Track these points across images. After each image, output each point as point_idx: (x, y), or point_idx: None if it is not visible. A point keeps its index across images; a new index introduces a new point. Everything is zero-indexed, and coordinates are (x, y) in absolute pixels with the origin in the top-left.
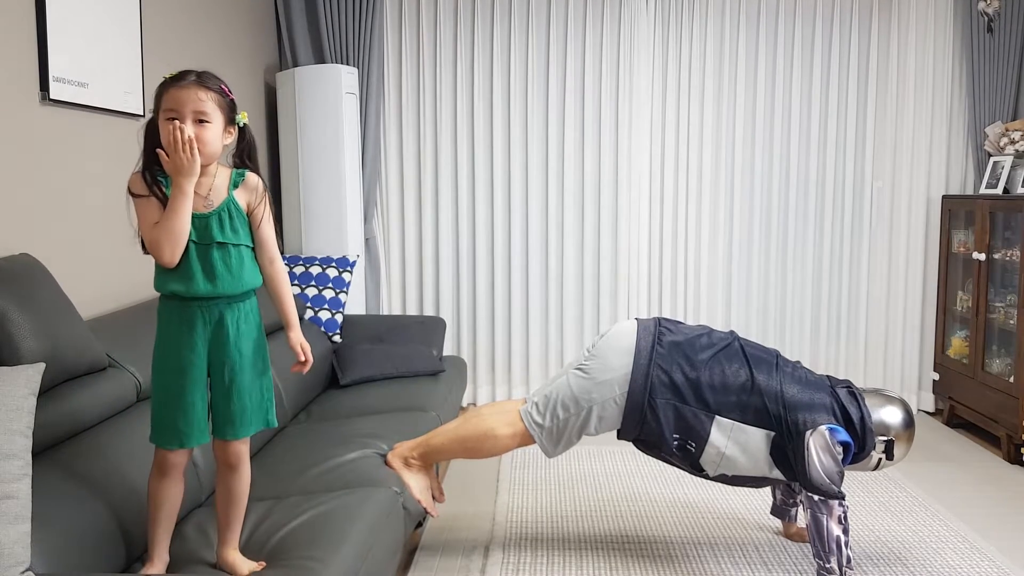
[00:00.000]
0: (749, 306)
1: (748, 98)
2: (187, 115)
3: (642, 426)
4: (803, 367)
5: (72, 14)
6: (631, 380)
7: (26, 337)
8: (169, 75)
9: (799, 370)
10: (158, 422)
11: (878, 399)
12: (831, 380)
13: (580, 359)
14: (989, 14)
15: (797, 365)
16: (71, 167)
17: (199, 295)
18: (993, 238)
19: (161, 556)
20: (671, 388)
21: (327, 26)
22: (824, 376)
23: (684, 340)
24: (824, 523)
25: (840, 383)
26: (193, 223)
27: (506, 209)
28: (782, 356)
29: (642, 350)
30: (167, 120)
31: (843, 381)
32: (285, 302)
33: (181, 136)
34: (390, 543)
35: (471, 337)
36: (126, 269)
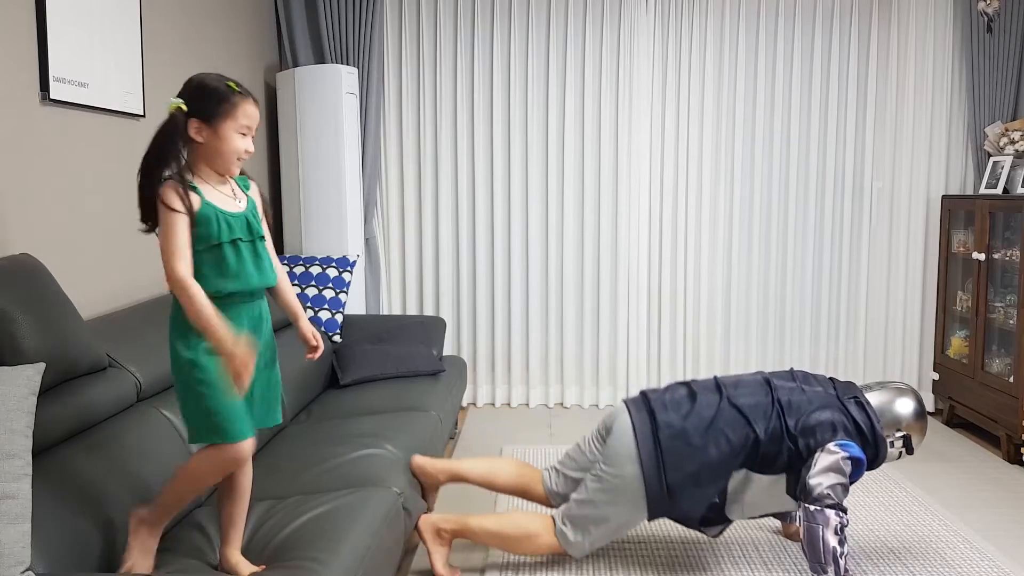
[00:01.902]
0: (749, 306)
1: (748, 99)
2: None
3: (668, 514)
4: (803, 378)
5: (72, 14)
6: (647, 489)
7: (26, 337)
8: (236, 85)
9: (798, 392)
10: (226, 419)
11: (888, 394)
12: (837, 388)
13: (592, 454)
14: (989, 14)
15: (796, 380)
16: (71, 167)
17: (252, 288)
18: (993, 238)
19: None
20: (687, 479)
21: (327, 26)
22: (829, 383)
23: (680, 428)
24: (819, 534)
25: (847, 392)
26: (234, 222)
27: (506, 209)
28: (775, 379)
29: (647, 457)
30: (240, 133)
31: (849, 388)
32: (291, 294)
33: (247, 369)
34: (390, 543)
35: (471, 337)
36: (126, 269)
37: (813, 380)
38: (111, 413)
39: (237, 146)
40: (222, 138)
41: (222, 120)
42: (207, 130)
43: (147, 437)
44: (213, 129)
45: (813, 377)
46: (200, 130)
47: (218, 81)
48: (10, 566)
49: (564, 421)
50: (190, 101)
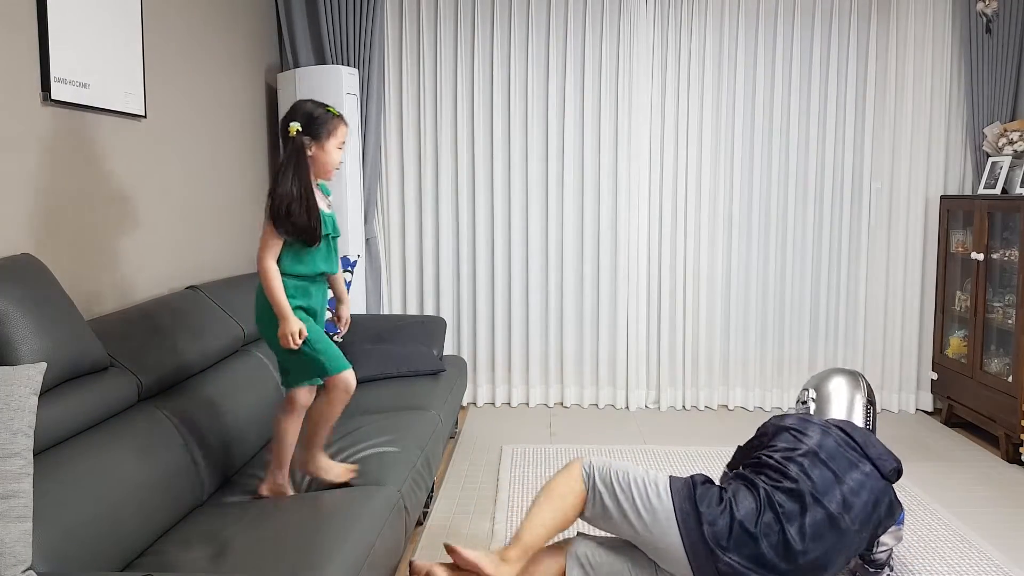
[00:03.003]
0: (748, 307)
1: (747, 99)
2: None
3: None
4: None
5: (73, 15)
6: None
7: (28, 337)
8: (335, 110)
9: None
10: (329, 357)
11: (851, 405)
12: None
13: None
14: (988, 15)
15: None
16: (73, 167)
17: (333, 271)
18: (991, 238)
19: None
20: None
21: (328, 27)
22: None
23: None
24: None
25: (886, 461)
26: (327, 220)
27: (506, 209)
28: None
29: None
30: (338, 148)
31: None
32: (341, 282)
33: (296, 340)
34: (391, 542)
35: (471, 337)
36: (127, 269)
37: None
38: (112, 413)
39: (336, 158)
40: (327, 152)
41: (327, 139)
42: (317, 147)
43: (148, 437)
44: (321, 146)
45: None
46: (310, 146)
47: (320, 108)
48: (11, 565)
49: (564, 421)
50: (305, 126)
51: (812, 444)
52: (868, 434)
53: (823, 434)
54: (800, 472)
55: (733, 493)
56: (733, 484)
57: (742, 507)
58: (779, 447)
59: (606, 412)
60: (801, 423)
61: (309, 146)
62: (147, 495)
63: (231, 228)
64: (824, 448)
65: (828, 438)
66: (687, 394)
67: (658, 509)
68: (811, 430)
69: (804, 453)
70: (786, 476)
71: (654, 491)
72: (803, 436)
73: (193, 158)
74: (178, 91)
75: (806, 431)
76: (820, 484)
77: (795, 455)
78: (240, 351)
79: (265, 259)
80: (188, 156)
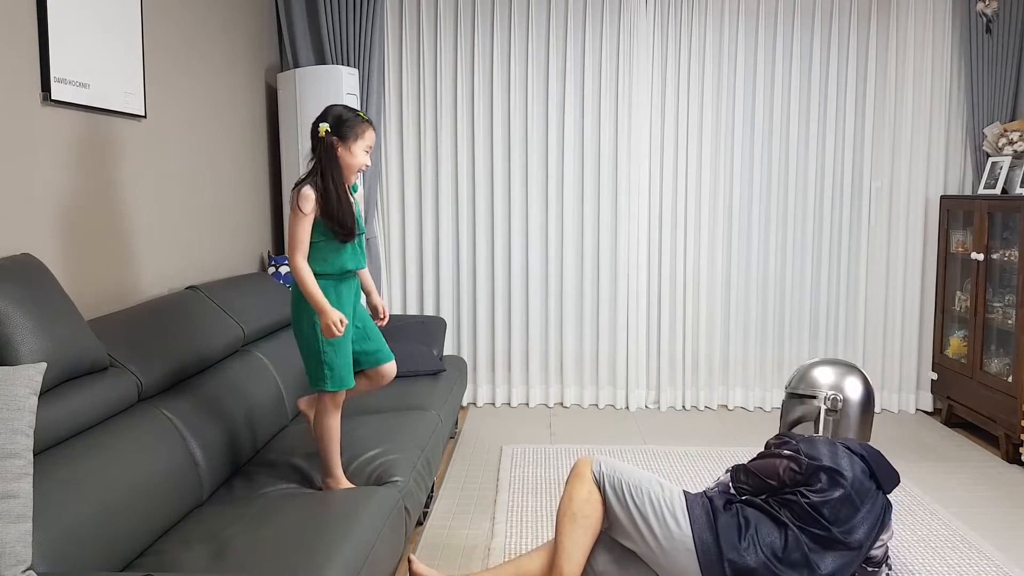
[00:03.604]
0: (748, 307)
1: (747, 100)
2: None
3: None
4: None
5: (73, 15)
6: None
7: (27, 337)
8: (363, 114)
9: (843, 524)
10: (337, 371)
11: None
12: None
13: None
14: (988, 15)
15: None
16: (72, 167)
17: (361, 267)
18: (991, 238)
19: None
20: None
21: (328, 27)
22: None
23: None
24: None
25: (891, 482)
26: (358, 220)
27: (506, 209)
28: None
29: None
30: (364, 151)
31: (890, 477)
32: (367, 275)
33: (339, 328)
34: (392, 542)
35: (471, 337)
36: (127, 269)
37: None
38: (112, 413)
39: (361, 160)
40: (353, 154)
41: (354, 141)
42: (343, 148)
43: (148, 437)
44: (347, 147)
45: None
46: (338, 146)
47: (349, 111)
48: (11, 565)
49: (564, 421)
50: (333, 127)
51: (847, 485)
52: (877, 455)
53: (852, 469)
54: (833, 516)
55: (756, 526)
56: (754, 513)
57: (765, 544)
58: (816, 488)
59: (606, 412)
60: (834, 457)
61: (337, 146)
62: (147, 495)
63: (231, 228)
64: (855, 486)
65: (856, 473)
66: (687, 394)
67: (675, 535)
68: (844, 467)
69: (840, 499)
70: (818, 523)
71: (671, 513)
72: (839, 477)
73: (193, 158)
74: (178, 91)
75: (841, 470)
76: (847, 525)
77: (831, 499)
78: (240, 351)
79: (296, 258)
80: (188, 156)
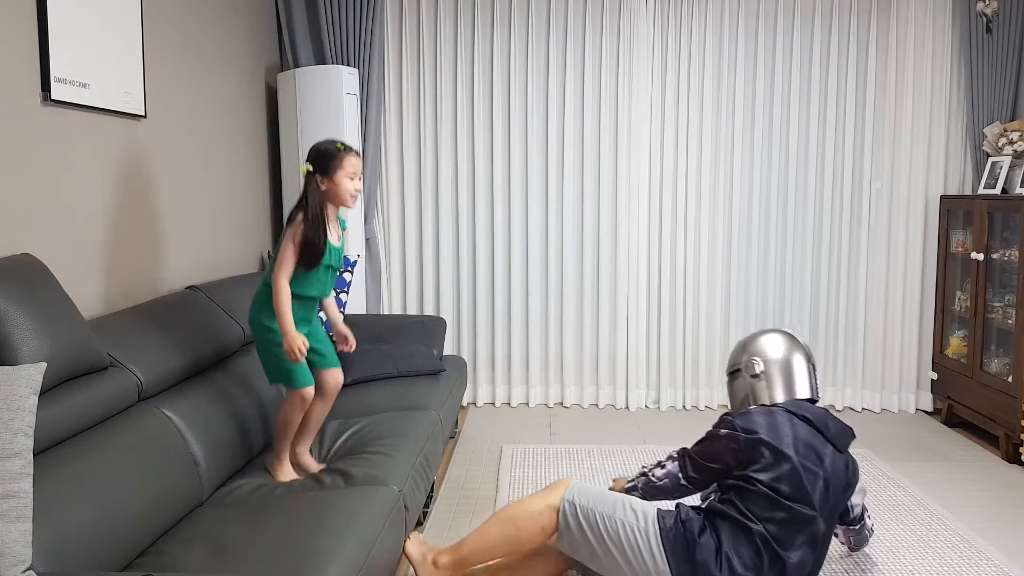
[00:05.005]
0: (748, 307)
1: (747, 100)
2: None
3: None
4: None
5: (73, 15)
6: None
7: (27, 337)
8: (342, 145)
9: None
10: (298, 375)
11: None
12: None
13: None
14: (988, 15)
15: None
16: (72, 167)
17: (324, 295)
18: (991, 238)
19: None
20: None
21: (328, 27)
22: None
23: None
24: (868, 536)
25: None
26: (333, 252)
27: (506, 209)
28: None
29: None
30: (348, 178)
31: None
32: (333, 305)
33: (299, 357)
34: (391, 542)
35: (471, 337)
36: (127, 269)
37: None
38: (112, 413)
39: (348, 187)
40: (337, 183)
41: (334, 172)
42: (327, 181)
43: (148, 436)
44: (331, 179)
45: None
46: (322, 181)
47: (329, 144)
48: (11, 565)
49: (564, 421)
50: (314, 163)
51: (792, 455)
52: (822, 413)
53: (793, 433)
54: (792, 491)
55: (731, 544)
56: (725, 528)
57: (739, 561)
58: (763, 464)
59: (606, 412)
60: (771, 427)
61: (322, 181)
62: (147, 495)
63: (231, 228)
64: (800, 451)
65: (799, 438)
66: (687, 394)
67: (650, 568)
68: (784, 434)
69: (792, 470)
70: (780, 505)
71: (646, 546)
72: (780, 446)
73: (193, 158)
74: (178, 91)
75: (781, 438)
76: (810, 495)
77: (782, 473)
78: (240, 351)
79: (280, 278)
80: (188, 156)
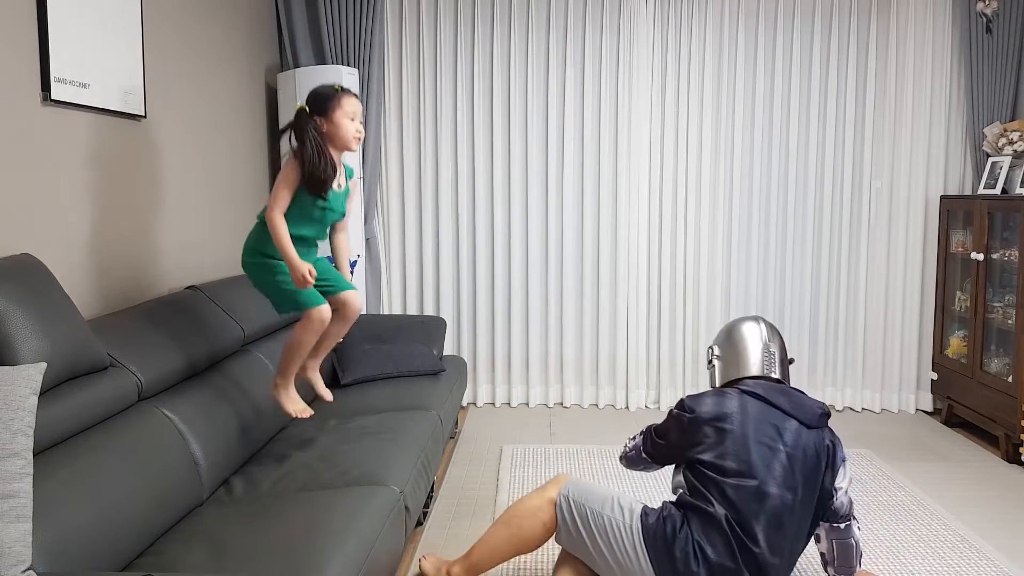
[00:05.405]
0: (748, 307)
1: (747, 100)
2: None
3: None
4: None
5: (73, 15)
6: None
7: (27, 337)
8: (338, 86)
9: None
10: (308, 295)
11: (777, 340)
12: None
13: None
14: (988, 15)
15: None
16: (72, 167)
17: (319, 238)
18: (991, 238)
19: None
20: None
21: (328, 27)
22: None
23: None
24: (853, 544)
25: (806, 409)
26: (332, 198)
27: (506, 209)
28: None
29: None
30: (349, 119)
31: (802, 404)
32: (342, 251)
33: (308, 283)
34: (391, 542)
35: (471, 337)
36: (127, 269)
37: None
38: (112, 413)
39: (349, 128)
40: (337, 124)
41: (332, 112)
42: (325, 122)
43: (148, 437)
44: (330, 119)
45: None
46: (322, 123)
47: (326, 87)
48: (11, 565)
49: (564, 421)
50: (311, 106)
51: (732, 429)
52: (776, 387)
53: (742, 411)
54: (736, 468)
55: (701, 534)
56: (694, 518)
57: (711, 550)
58: (707, 444)
59: (606, 412)
60: (717, 405)
61: (321, 123)
62: (147, 495)
63: (231, 228)
64: (748, 424)
65: (749, 414)
66: (687, 394)
67: (634, 566)
68: (727, 408)
69: (736, 444)
70: (726, 484)
71: (628, 540)
72: (722, 424)
73: (193, 158)
74: (178, 91)
75: (725, 415)
76: (750, 470)
77: (726, 450)
78: (240, 351)
79: (274, 212)
80: (188, 156)
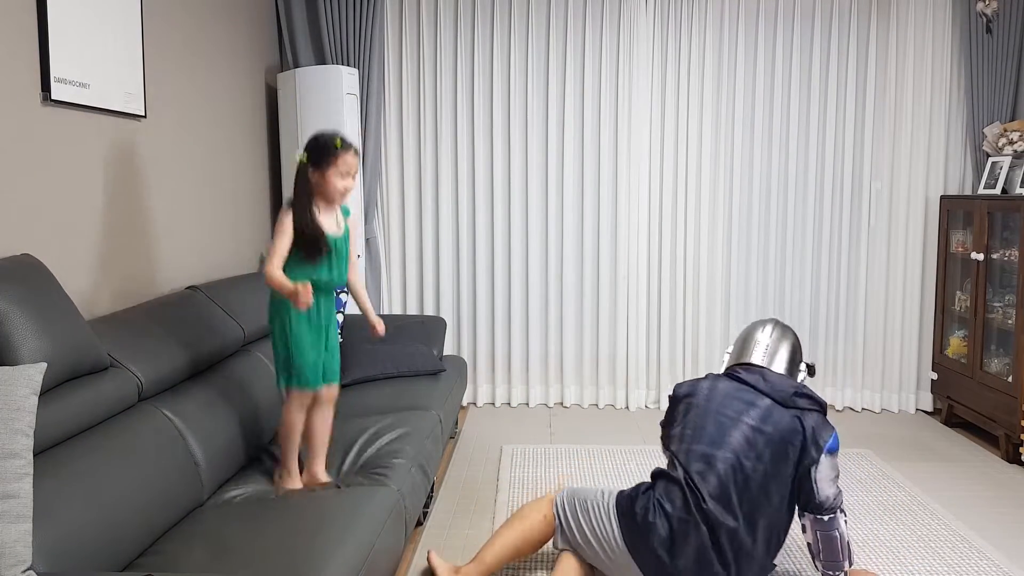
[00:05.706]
0: (748, 307)
1: (747, 100)
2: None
3: None
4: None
5: (73, 15)
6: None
7: (28, 337)
8: (340, 142)
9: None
10: (299, 371)
11: (785, 340)
12: (774, 390)
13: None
14: (988, 15)
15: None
16: (72, 168)
17: (338, 284)
18: (991, 238)
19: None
20: None
21: (328, 27)
22: (758, 387)
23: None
24: (838, 538)
25: (781, 389)
26: (335, 242)
27: (506, 209)
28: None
29: None
30: (340, 177)
31: (778, 384)
32: (362, 294)
33: (305, 298)
34: (391, 542)
35: (471, 337)
36: (127, 269)
37: (756, 402)
38: (112, 413)
39: (337, 186)
40: (327, 180)
41: (326, 168)
42: (316, 174)
43: (148, 437)
44: (321, 174)
45: (751, 393)
46: (313, 174)
47: (329, 139)
48: (11, 565)
49: (564, 421)
50: (310, 154)
51: (701, 401)
52: (761, 371)
53: (711, 388)
54: (692, 435)
55: (662, 492)
56: (660, 481)
57: (669, 504)
58: (677, 419)
59: (606, 412)
60: (691, 386)
61: (312, 174)
62: (147, 495)
63: (231, 228)
64: (714, 399)
65: (717, 390)
66: None
67: (608, 534)
68: (700, 389)
69: (697, 415)
70: (683, 439)
71: (604, 512)
72: (692, 398)
73: (193, 158)
74: (178, 91)
75: (694, 392)
76: (712, 434)
77: (687, 422)
78: (240, 351)
79: (269, 267)
80: (188, 156)
